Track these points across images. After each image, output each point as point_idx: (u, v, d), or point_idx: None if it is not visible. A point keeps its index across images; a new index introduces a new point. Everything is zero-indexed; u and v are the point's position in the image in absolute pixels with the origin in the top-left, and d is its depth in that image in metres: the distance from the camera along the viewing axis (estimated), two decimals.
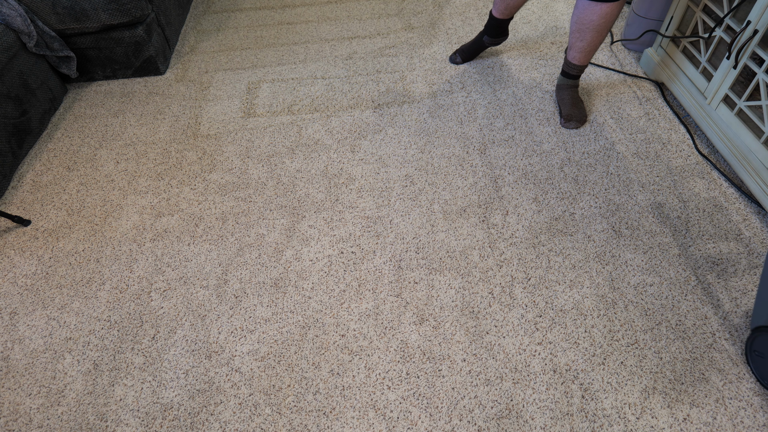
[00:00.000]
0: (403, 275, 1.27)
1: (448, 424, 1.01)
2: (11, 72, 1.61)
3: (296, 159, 1.60)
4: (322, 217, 1.42)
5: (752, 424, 0.98)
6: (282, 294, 1.25)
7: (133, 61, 1.92)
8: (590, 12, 1.42)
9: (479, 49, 1.89)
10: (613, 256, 1.27)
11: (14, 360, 1.16)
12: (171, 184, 1.54)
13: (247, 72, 1.97)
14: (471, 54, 1.90)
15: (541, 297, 1.20)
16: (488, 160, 1.54)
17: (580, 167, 1.50)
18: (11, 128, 1.59)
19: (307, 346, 1.15)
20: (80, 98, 1.89)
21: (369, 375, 1.09)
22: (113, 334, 1.19)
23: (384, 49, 2.03)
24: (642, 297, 1.19)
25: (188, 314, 1.22)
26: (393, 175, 1.52)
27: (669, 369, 1.06)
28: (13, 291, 1.29)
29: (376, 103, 1.78)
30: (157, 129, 1.74)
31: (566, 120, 1.62)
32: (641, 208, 1.37)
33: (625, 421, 1.00)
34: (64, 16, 1.74)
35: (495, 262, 1.28)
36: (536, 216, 1.38)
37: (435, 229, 1.37)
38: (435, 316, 1.18)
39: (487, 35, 1.85)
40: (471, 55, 1.90)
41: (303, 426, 1.03)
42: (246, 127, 1.72)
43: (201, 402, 1.07)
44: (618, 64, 1.86)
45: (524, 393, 1.05)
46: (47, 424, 1.05)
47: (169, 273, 1.31)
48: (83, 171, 1.61)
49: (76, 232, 1.43)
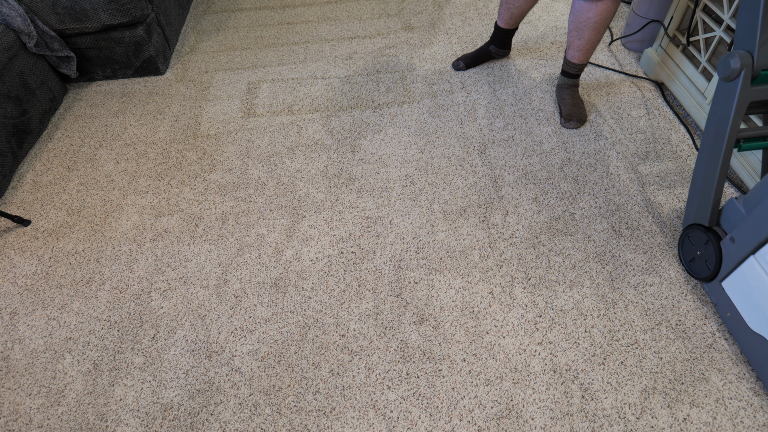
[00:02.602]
0: (403, 275, 1.27)
1: (448, 424, 1.01)
2: (11, 72, 1.61)
3: (296, 159, 1.60)
4: (322, 217, 1.42)
5: (752, 424, 0.98)
6: (282, 294, 1.25)
7: (133, 61, 1.92)
8: (587, 10, 1.42)
9: (485, 58, 1.89)
10: (613, 256, 1.27)
11: (14, 360, 1.16)
12: (171, 184, 1.54)
13: (247, 72, 1.97)
14: (475, 62, 1.89)
15: (541, 297, 1.20)
16: (488, 160, 1.54)
17: (580, 167, 1.50)
18: (11, 128, 1.59)
19: (307, 346, 1.15)
20: (80, 98, 1.89)
21: (369, 375, 1.09)
22: (113, 334, 1.19)
23: (384, 49, 2.03)
24: (642, 297, 1.19)
25: (188, 314, 1.22)
26: (393, 175, 1.52)
27: (669, 369, 1.06)
28: (13, 291, 1.29)
29: (376, 103, 1.78)
30: (157, 129, 1.74)
31: (566, 120, 1.62)
32: (641, 208, 1.37)
33: (625, 421, 1.00)
34: (64, 16, 1.74)
35: (495, 262, 1.28)
36: (536, 216, 1.38)
37: (435, 229, 1.37)
38: (435, 316, 1.18)
39: (494, 45, 1.86)
40: (475, 63, 1.90)
41: (303, 426, 1.03)
42: (246, 127, 1.72)
43: (201, 402, 1.07)
44: (618, 64, 1.86)
45: (524, 393, 1.05)
46: (47, 424, 1.05)
47: (169, 273, 1.31)
48: (83, 171, 1.61)
49: (76, 232, 1.43)
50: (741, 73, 0.97)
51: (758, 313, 0.99)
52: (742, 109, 1.01)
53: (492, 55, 1.89)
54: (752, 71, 0.97)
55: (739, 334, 1.06)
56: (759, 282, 0.98)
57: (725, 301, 1.09)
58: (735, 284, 1.05)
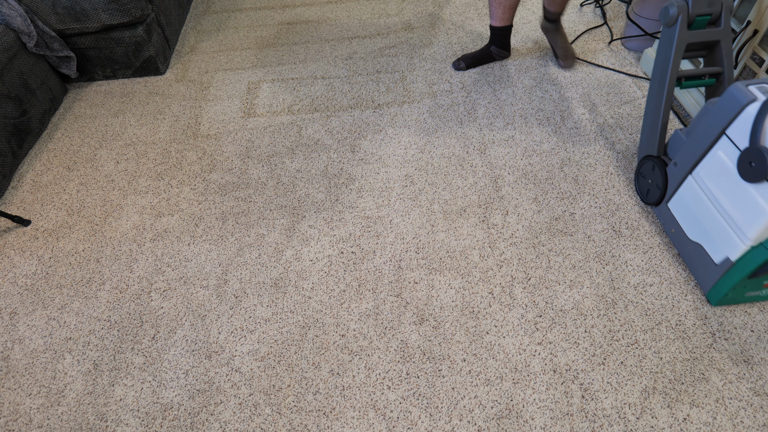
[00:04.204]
0: (403, 275, 1.27)
1: (448, 424, 1.01)
2: (11, 72, 1.61)
3: (296, 159, 1.60)
4: (322, 217, 1.42)
5: (752, 424, 0.98)
6: (282, 294, 1.25)
7: (133, 61, 1.92)
8: None
9: (486, 59, 1.89)
10: (613, 256, 1.27)
11: (14, 360, 1.16)
12: (171, 184, 1.55)
13: (247, 72, 1.97)
14: (476, 62, 1.89)
15: (541, 297, 1.20)
16: (488, 160, 1.54)
17: (580, 167, 1.50)
18: (11, 128, 1.59)
19: (307, 346, 1.15)
20: (80, 98, 1.89)
21: (369, 375, 1.09)
22: (113, 334, 1.19)
23: (384, 49, 2.03)
24: (642, 297, 1.19)
25: (188, 314, 1.22)
26: (393, 175, 1.52)
27: (669, 369, 1.06)
28: (13, 291, 1.29)
29: (376, 103, 1.78)
30: (157, 129, 1.74)
31: (564, 59, 1.79)
32: (641, 208, 1.37)
33: (625, 421, 1.00)
34: (64, 16, 1.74)
35: (495, 262, 1.28)
36: (536, 216, 1.38)
37: (435, 229, 1.37)
38: (435, 316, 1.18)
39: (495, 45, 1.86)
40: (475, 63, 1.89)
41: (303, 426, 1.03)
42: (246, 127, 1.72)
43: (201, 402, 1.07)
44: (618, 64, 1.86)
45: (524, 393, 1.05)
46: (47, 424, 1.05)
47: (169, 273, 1.31)
48: (83, 171, 1.61)
49: (76, 232, 1.43)
50: (678, 18, 1.14)
51: (695, 224, 1.17)
52: (681, 50, 1.18)
53: (493, 56, 1.89)
54: (688, 17, 1.14)
55: (681, 245, 1.25)
56: (695, 197, 1.16)
57: (670, 219, 1.27)
58: (677, 203, 1.23)
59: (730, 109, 1.01)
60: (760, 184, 0.98)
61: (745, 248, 1.04)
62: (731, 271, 1.08)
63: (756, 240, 1.02)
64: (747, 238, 1.02)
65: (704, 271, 1.16)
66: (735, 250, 1.06)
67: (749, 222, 1.01)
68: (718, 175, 1.08)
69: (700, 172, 1.13)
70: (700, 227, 1.15)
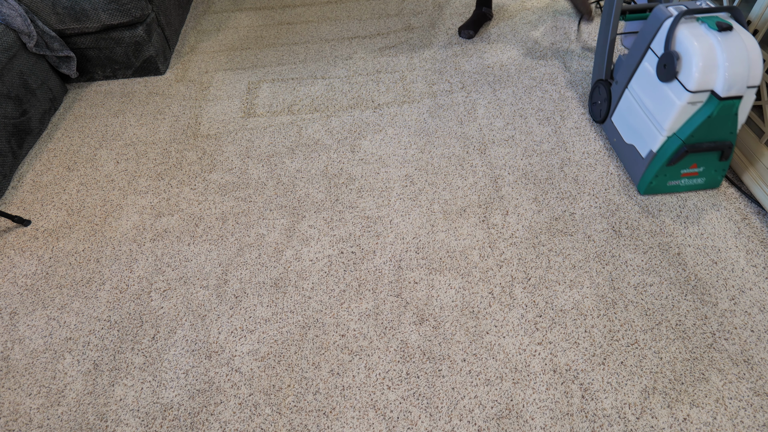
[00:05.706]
0: (403, 275, 1.27)
1: (448, 424, 1.01)
2: (11, 72, 1.61)
3: (296, 159, 1.60)
4: (322, 217, 1.42)
5: (752, 424, 0.98)
6: (282, 294, 1.25)
7: (133, 61, 1.92)
8: None
9: (482, 19, 2.08)
10: (613, 256, 1.27)
11: (14, 360, 1.16)
12: (171, 184, 1.55)
13: (247, 72, 1.97)
14: (477, 26, 2.06)
15: (541, 297, 1.20)
16: (488, 160, 1.54)
17: (580, 167, 1.50)
18: (11, 128, 1.59)
19: (307, 346, 1.15)
20: (80, 98, 1.90)
21: (369, 375, 1.09)
22: (113, 334, 1.19)
23: (384, 49, 2.03)
24: (642, 297, 1.19)
25: (188, 314, 1.22)
26: (393, 175, 1.52)
27: (669, 369, 1.06)
28: (13, 291, 1.29)
29: (376, 103, 1.78)
30: (157, 129, 1.74)
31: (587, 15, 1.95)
32: (641, 208, 1.37)
33: (625, 421, 1.00)
34: (64, 16, 1.74)
35: (495, 262, 1.28)
36: (536, 216, 1.38)
37: (435, 229, 1.37)
38: (435, 316, 1.18)
39: (485, 6, 2.07)
40: (477, 27, 2.06)
41: (303, 426, 1.03)
42: (246, 127, 1.73)
43: (201, 402, 1.07)
44: None
45: (524, 393, 1.05)
46: (47, 424, 1.05)
47: (169, 273, 1.31)
48: (83, 171, 1.61)
49: (76, 232, 1.43)
50: None
51: (630, 129, 1.40)
52: None
53: (487, 17, 2.09)
54: None
55: (619, 149, 1.48)
56: (630, 107, 1.39)
57: (613, 131, 1.50)
58: (618, 115, 1.46)
59: (653, 27, 1.24)
60: (671, 83, 1.20)
61: (663, 139, 1.26)
62: (654, 161, 1.31)
63: (670, 130, 1.24)
64: (663, 129, 1.25)
65: (635, 166, 1.39)
66: (656, 142, 1.29)
67: (664, 115, 1.23)
68: (645, 83, 1.30)
69: (633, 84, 1.36)
70: (633, 130, 1.38)
